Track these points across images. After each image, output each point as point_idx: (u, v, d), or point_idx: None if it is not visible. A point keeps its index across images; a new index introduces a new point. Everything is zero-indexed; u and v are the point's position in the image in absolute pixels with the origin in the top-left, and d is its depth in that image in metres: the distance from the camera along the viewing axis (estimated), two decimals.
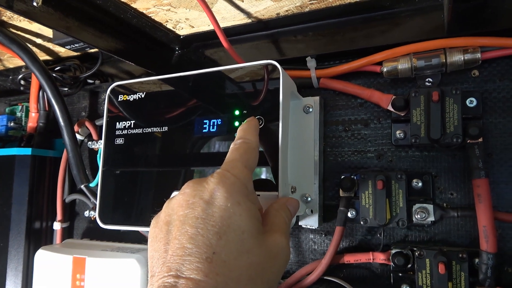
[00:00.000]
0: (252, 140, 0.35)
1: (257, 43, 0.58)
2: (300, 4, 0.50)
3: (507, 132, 0.45)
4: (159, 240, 0.29)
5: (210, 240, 0.27)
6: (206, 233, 0.27)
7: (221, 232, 0.28)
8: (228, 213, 0.29)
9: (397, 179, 0.46)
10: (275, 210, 0.35)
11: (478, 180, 0.42)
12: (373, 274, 0.49)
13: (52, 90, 0.56)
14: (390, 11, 0.51)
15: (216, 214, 0.28)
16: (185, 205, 0.29)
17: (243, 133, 0.36)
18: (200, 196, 0.29)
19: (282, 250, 0.31)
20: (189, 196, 0.30)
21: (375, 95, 0.49)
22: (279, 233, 0.32)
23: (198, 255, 0.26)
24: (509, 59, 0.46)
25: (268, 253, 0.30)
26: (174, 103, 0.46)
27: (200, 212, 0.28)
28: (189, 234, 0.27)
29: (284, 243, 0.31)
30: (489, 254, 0.41)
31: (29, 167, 0.65)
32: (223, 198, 0.29)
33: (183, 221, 0.28)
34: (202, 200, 0.29)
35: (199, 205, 0.29)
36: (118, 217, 0.47)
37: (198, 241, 0.27)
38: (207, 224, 0.28)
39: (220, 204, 0.29)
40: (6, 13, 0.54)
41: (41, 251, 0.59)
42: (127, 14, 0.53)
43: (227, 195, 0.29)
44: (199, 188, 0.30)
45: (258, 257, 0.29)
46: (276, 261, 0.30)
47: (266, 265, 0.29)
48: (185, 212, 0.29)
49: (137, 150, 0.47)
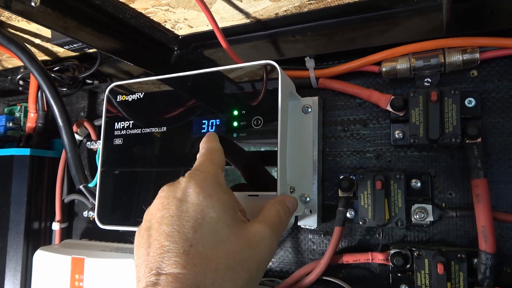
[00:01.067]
0: (213, 145, 0.37)
1: (256, 43, 0.58)
2: (299, 4, 0.50)
3: (506, 132, 0.45)
4: (141, 247, 0.30)
5: (186, 235, 0.28)
6: (182, 229, 0.28)
7: (196, 225, 0.29)
8: (201, 206, 0.30)
9: (396, 179, 0.46)
10: (270, 204, 0.35)
11: (477, 180, 0.42)
12: (372, 274, 0.49)
13: (50, 91, 0.56)
14: (388, 11, 0.51)
15: (190, 209, 0.29)
16: (161, 207, 0.30)
17: (203, 144, 0.38)
18: (173, 195, 0.30)
19: (263, 239, 0.31)
20: (163, 198, 0.31)
21: (374, 95, 0.49)
22: (262, 223, 0.32)
23: (176, 250, 0.27)
24: (508, 59, 0.46)
25: (246, 242, 0.30)
26: (173, 103, 0.46)
27: (175, 210, 0.29)
28: (166, 232, 0.28)
29: (266, 233, 0.32)
30: (488, 254, 0.41)
31: (27, 168, 0.65)
32: (195, 193, 0.30)
33: (160, 222, 0.29)
34: (175, 199, 0.30)
35: (173, 203, 0.30)
36: (117, 217, 0.47)
37: (175, 237, 0.28)
38: (182, 220, 0.29)
39: (193, 200, 0.30)
40: (4, 13, 0.54)
41: (39, 251, 0.59)
42: (126, 14, 0.53)
43: (198, 189, 0.30)
44: (172, 189, 0.31)
45: (235, 246, 0.29)
46: (257, 250, 0.30)
47: (245, 254, 0.29)
48: (161, 214, 0.30)
49: (136, 151, 0.47)
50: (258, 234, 0.31)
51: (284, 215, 0.35)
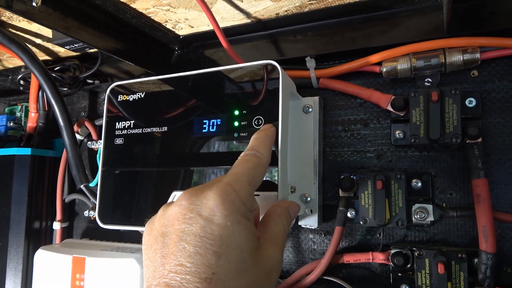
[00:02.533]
0: (264, 154, 0.34)
1: (257, 43, 0.58)
2: (300, 4, 0.50)
3: (506, 132, 0.45)
4: (154, 251, 0.29)
5: (209, 260, 0.27)
6: (205, 252, 0.27)
7: (220, 251, 0.27)
8: (228, 232, 0.28)
9: (396, 179, 0.46)
10: (278, 215, 0.34)
11: (477, 180, 0.42)
12: (372, 274, 0.49)
13: (51, 90, 0.56)
14: (389, 11, 0.51)
15: (216, 233, 0.28)
16: (182, 219, 0.28)
17: (257, 144, 0.34)
18: (197, 211, 0.28)
19: (277, 266, 0.31)
20: (186, 210, 0.29)
21: (374, 95, 0.49)
22: (275, 247, 0.31)
23: (197, 275, 0.26)
24: (508, 59, 0.46)
25: (263, 270, 0.29)
26: (174, 103, 0.46)
27: (199, 230, 0.28)
28: (187, 252, 0.27)
29: (279, 258, 0.31)
30: (488, 254, 0.41)
31: (28, 167, 0.65)
32: (223, 216, 0.28)
33: (180, 236, 0.28)
34: (200, 217, 0.28)
35: (197, 221, 0.28)
36: (118, 217, 0.47)
37: (197, 260, 0.27)
38: (206, 243, 0.27)
39: (219, 223, 0.28)
40: (6, 13, 0.54)
41: (40, 251, 0.59)
42: (127, 14, 0.53)
43: (227, 213, 0.28)
44: (197, 203, 0.29)
45: (255, 275, 0.28)
46: (271, 276, 0.30)
47: (262, 282, 0.29)
48: (181, 227, 0.28)
49: (136, 150, 0.47)
50: (272, 260, 0.30)
51: (287, 228, 0.34)
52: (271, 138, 0.36)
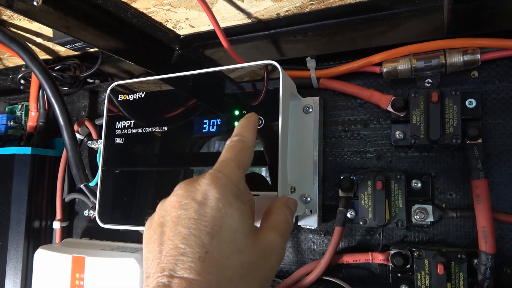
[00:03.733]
0: (248, 138, 0.35)
1: (257, 43, 0.58)
2: (300, 4, 0.51)
3: (506, 133, 0.45)
4: (153, 242, 0.30)
5: (202, 240, 0.27)
6: (199, 233, 0.28)
7: (213, 232, 0.28)
8: (220, 213, 0.29)
9: (396, 180, 0.46)
10: (278, 207, 0.35)
11: (477, 181, 0.42)
12: (372, 275, 0.49)
13: (52, 89, 0.56)
14: (390, 12, 0.51)
15: (208, 215, 0.29)
16: (178, 206, 0.29)
17: (241, 130, 0.35)
18: (192, 197, 0.29)
19: (276, 249, 0.31)
20: (181, 197, 0.30)
21: (374, 95, 0.49)
22: (274, 231, 0.32)
23: (191, 255, 0.27)
24: (509, 60, 0.46)
25: (260, 252, 0.30)
26: (174, 103, 0.46)
27: (193, 213, 0.29)
28: (182, 234, 0.28)
29: (278, 242, 0.31)
30: (488, 255, 0.41)
31: (28, 166, 0.65)
32: (215, 199, 0.29)
33: (176, 222, 0.29)
34: (194, 201, 0.29)
35: (191, 206, 0.29)
36: (118, 216, 0.47)
37: (191, 241, 0.27)
38: (200, 225, 0.28)
39: (212, 205, 0.29)
40: (6, 12, 0.54)
41: (40, 250, 0.59)
42: (127, 14, 0.53)
43: (219, 196, 0.29)
44: (191, 189, 0.30)
45: (250, 256, 0.29)
46: (269, 259, 0.30)
47: (258, 264, 0.29)
48: (178, 213, 0.29)
49: (136, 150, 0.47)
50: (271, 244, 0.31)
51: (290, 219, 0.35)
52: (254, 123, 0.36)
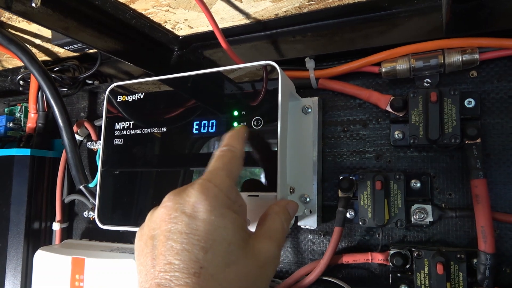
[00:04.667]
0: (237, 148, 0.34)
1: (256, 44, 0.59)
2: (299, 5, 0.51)
3: (505, 132, 0.45)
4: (145, 255, 0.29)
5: (196, 256, 0.27)
6: (192, 248, 0.27)
7: (207, 246, 0.27)
8: (213, 226, 0.28)
9: (395, 180, 0.46)
10: (275, 213, 0.34)
11: (476, 181, 0.42)
12: (371, 275, 0.49)
13: (51, 91, 0.56)
14: (388, 12, 0.51)
15: (201, 228, 0.28)
16: (168, 219, 0.29)
17: (229, 140, 0.35)
18: (181, 210, 0.29)
19: (271, 259, 0.31)
20: (170, 210, 0.29)
21: (373, 95, 0.49)
22: (269, 240, 0.31)
23: (186, 271, 0.26)
24: (507, 60, 0.46)
25: (256, 263, 0.29)
26: (173, 103, 0.46)
27: (184, 227, 0.28)
28: (175, 250, 0.27)
29: (273, 252, 0.31)
30: (487, 255, 0.41)
31: (28, 168, 0.65)
32: (206, 212, 0.29)
33: (167, 236, 0.28)
34: (184, 214, 0.29)
35: (181, 219, 0.28)
36: (117, 217, 0.47)
37: (184, 256, 0.27)
38: (192, 239, 0.27)
39: (204, 218, 0.28)
40: (5, 13, 0.54)
41: (40, 251, 0.59)
42: (126, 15, 0.53)
43: (210, 208, 0.29)
44: (180, 201, 0.29)
45: (246, 268, 0.28)
46: (265, 269, 0.30)
47: (254, 274, 0.29)
48: (168, 227, 0.28)
49: (136, 151, 0.47)
50: (266, 253, 0.30)
51: (286, 225, 0.34)
52: (242, 134, 0.36)
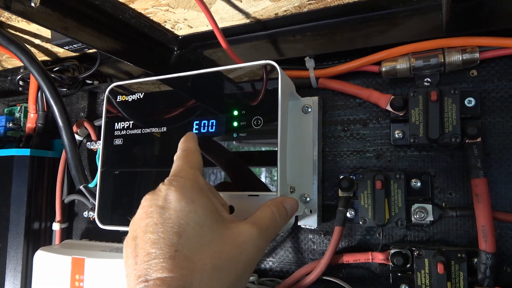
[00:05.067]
0: (190, 145, 0.37)
1: (256, 43, 0.58)
2: (299, 4, 0.50)
3: (506, 132, 0.45)
4: (129, 256, 0.30)
5: (171, 241, 0.28)
6: (167, 235, 0.29)
7: (180, 231, 0.29)
8: (184, 212, 0.30)
9: (396, 179, 0.46)
10: (266, 205, 0.35)
11: (476, 180, 0.42)
12: (372, 274, 0.49)
13: (50, 91, 0.56)
14: (388, 11, 0.51)
15: (173, 216, 0.30)
16: (145, 216, 0.30)
17: (181, 144, 0.37)
18: (155, 203, 0.30)
19: (250, 240, 0.31)
20: (146, 207, 0.31)
21: (373, 95, 0.49)
22: (250, 224, 0.32)
23: (162, 256, 0.28)
24: (508, 59, 0.46)
25: (232, 242, 0.30)
26: (173, 103, 0.46)
27: (158, 218, 0.30)
28: (151, 240, 0.29)
29: (253, 233, 0.32)
30: (488, 254, 0.41)
31: (27, 168, 0.65)
32: (177, 200, 0.30)
33: (145, 230, 0.30)
34: (157, 207, 0.30)
35: (156, 211, 0.30)
36: (117, 217, 0.47)
37: (160, 244, 0.28)
38: (166, 227, 0.29)
39: (175, 206, 0.30)
40: (4, 13, 0.54)
41: (40, 251, 0.59)
42: (125, 15, 0.53)
43: (179, 196, 0.30)
44: (154, 197, 0.31)
45: (221, 246, 0.30)
46: (243, 250, 0.31)
47: (231, 254, 0.30)
48: (145, 222, 0.30)
49: (136, 151, 0.47)
50: (244, 235, 0.31)
51: (279, 217, 0.35)
52: (192, 136, 0.38)
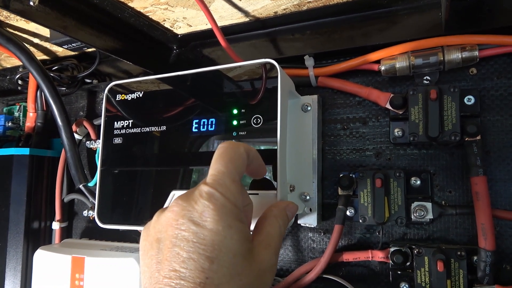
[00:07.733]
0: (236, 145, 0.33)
1: (255, 42, 0.58)
2: (298, 2, 0.50)
3: (505, 130, 0.45)
4: (150, 257, 0.30)
5: (202, 265, 0.27)
6: (198, 258, 0.27)
7: (213, 256, 0.28)
8: (220, 236, 0.28)
9: (395, 177, 0.46)
10: (274, 216, 0.34)
11: (476, 178, 0.42)
12: (372, 272, 0.49)
13: (49, 90, 0.56)
14: (387, 9, 0.51)
15: (208, 238, 0.28)
16: (175, 224, 0.29)
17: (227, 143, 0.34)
18: (189, 217, 0.29)
19: (270, 267, 0.31)
20: (178, 216, 0.29)
21: (373, 93, 0.49)
22: (269, 250, 0.32)
23: (191, 280, 0.27)
24: (507, 57, 0.46)
25: (257, 273, 0.30)
26: (172, 102, 0.46)
27: (191, 235, 0.28)
28: (181, 257, 0.28)
29: (272, 261, 0.32)
30: (488, 252, 0.41)
31: (27, 167, 0.65)
32: (214, 221, 0.29)
33: (174, 242, 0.28)
34: (191, 222, 0.29)
35: (189, 227, 0.28)
36: (117, 216, 0.47)
37: (190, 265, 0.27)
38: (199, 248, 0.28)
39: (211, 228, 0.28)
40: (3, 12, 0.54)
41: (40, 251, 0.59)
42: (124, 13, 0.53)
43: (218, 218, 0.29)
44: (188, 208, 0.29)
45: (248, 278, 0.29)
46: (264, 278, 0.31)
47: (255, 285, 0.29)
48: (175, 233, 0.29)
49: (135, 150, 0.47)
50: (266, 263, 0.31)
51: (284, 229, 0.35)
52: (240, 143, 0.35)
